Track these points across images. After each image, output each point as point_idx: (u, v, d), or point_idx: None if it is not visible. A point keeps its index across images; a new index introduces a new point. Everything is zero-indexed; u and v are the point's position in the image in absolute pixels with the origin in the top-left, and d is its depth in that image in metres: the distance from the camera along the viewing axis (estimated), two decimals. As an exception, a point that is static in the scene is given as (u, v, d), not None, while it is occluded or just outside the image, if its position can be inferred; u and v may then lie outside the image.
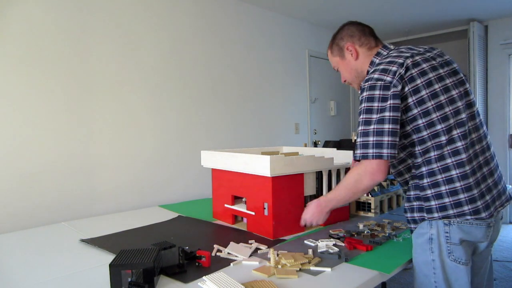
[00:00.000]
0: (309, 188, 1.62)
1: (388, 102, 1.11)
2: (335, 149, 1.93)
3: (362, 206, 1.86)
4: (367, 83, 1.15)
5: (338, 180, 1.73)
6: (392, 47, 1.29)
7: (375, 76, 1.15)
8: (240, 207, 1.69)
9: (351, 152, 1.81)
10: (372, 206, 1.81)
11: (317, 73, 4.16)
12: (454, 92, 1.16)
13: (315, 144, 4.05)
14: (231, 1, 3.18)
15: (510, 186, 2.51)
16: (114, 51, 2.40)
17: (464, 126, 1.14)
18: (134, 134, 2.51)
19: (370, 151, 1.11)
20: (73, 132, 2.21)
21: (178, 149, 2.77)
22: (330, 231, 1.56)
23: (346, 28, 1.36)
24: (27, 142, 2.04)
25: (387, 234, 1.49)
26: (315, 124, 4.16)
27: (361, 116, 1.14)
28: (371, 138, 1.11)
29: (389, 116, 1.10)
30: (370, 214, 1.82)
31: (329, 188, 1.69)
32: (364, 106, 1.14)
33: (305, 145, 2.65)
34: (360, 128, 1.14)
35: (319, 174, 1.67)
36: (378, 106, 1.11)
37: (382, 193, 1.87)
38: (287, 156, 1.49)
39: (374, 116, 1.12)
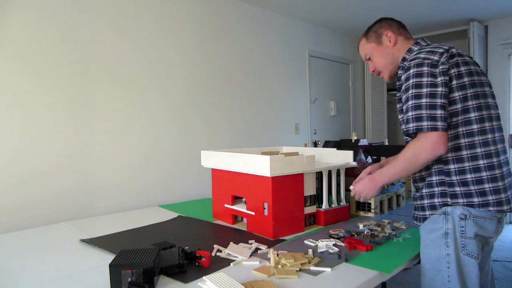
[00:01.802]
0: (309, 188, 1.62)
1: (439, 79, 1.13)
2: (335, 149, 1.93)
3: (362, 206, 1.86)
4: (413, 62, 1.18)
5: (338, 180, 1.74)
6: (429, 42, 1.33)
7: (422, 55, 1.18)
8: (240, 207, 1.69)
9: (351, 152, 1.81)
10: (372, 206, 1.81)
11: (317, 73, 4.16)
12: (486, 89, 1.22)
13: (315, 144, 4.04)
14: (231, 1, 3.18)
15: None
16: (115, 51, 2.40)
17: (493, 122, 1.19)
18: (134, 134, 2.51)
19: (425, 123, 1.11)
20: (73, 132, 2.21)
21: (178, 149, 2.77)
22: (330, 231, 1.56)
23: (385, 20, 1.42)
24: (27, 142, 2.04)
25: (387, 234, 1.49)
26: (315, 124, 4.16)
27: (410, 91, 1.15)
28: (424, 111, 1.12)
29: (441, 91, 1.12)
30: (370, 214, 1.82)
31: (329, 188, 1.69)
32: (413, 82, 1.16)
33: (305, 145, 2.65)
34: (410, 102, 1.15)
35: (319, 174, 1.67)
36: (427, 81, 1.14)
37: (382, 193, 1.87)
38: (287, 156, 1.49)
39: (424, 90, 1.13)
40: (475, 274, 1.16)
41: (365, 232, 1.51)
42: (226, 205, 1.79)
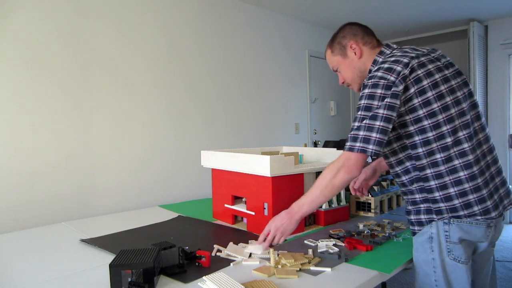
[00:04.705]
0: (309, 188, 1.62)
1: (385, 101, 1.09)
2: (335, 149, 1.93)
3: (362, 206, 1.86)
4: (370, 81, 1.14)
5: (338, 180, 1.73)
6: (395, 46, 1.27)
7: (379, 74, 1.13)
8: (240, 207, 1.69)
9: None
10: (372, 206, 1.81)
11: (317, 73, 4.16)
12: (459, 94, 1.15)
13: (315, 144, 4.05)
14: (231, 1, 3.18)
15: (510, 186, 2.51)
16: (115, 51, 2.40)
17: (470, 127, 1.14)
18: (134, 134, 2.51)
19: (357, 144, 1.10)
20: (73, 132, 2.21)
21: (178, 149, 2.77)
22: (330, 231, 1.56)
23: (349, 27, 1.33)
24: (28, 142, 2.04)
25: (387, 234, 1.49)
26: (315, 124, 4.16)
27: (359, 112, 1.13)
28: (361, 133, 1.10)
29: (383, 114, 1.09)
30: (370, 214, 1.82)
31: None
32: (363, 103, 1.12)
33: (305, 145, 2.65)
34: (355, 123, 1.13)
35: (319, 174, 1.67)
36: (377, 105, 1.10)
37: (382, 193, 1.87)
38: (287, 156, 1.49)
39: (370, 114, 1.10)
40: (465, 279, 1.12)
41: (365, 232, 1.51)
42: (226, 205, 1.78)
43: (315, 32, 4.13)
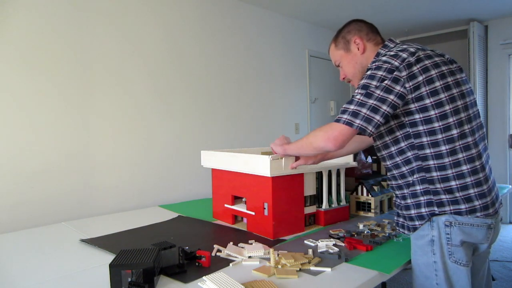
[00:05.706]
0: (309, 188, 1.62)
1: (384, 83, 1.09)
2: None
3: (362, 206, 1.86)
4: (374, 64, 1.15)
5: (338, 180, 1.74)
6: (398, 41, 1.28)
7: (383, 58, 1.14)
8: (240, 207, 1.69)
9: (351, 152, 1.81)
10: (372, 206, 1.81)
11: (317, 73, 4.16)
12: (463, 88, 1.16)
13: (315, 144, 4.04)
14: (231, 1, 3.18)
15: (510, 186, 2.51)
16: (114, 51, 2.40)
17: (472, 122, 1.14)
18: (134, 135, 2.51)
19: (345, 116, 1.11)
20: (73, 132, 2.21)
21: (178, 149, 2.77)
22: (330, 231, 1.56)
23: (354, 23, 1.35)
24: (28, 142, 2.04)
25: (387, 234, 1.49)
26: (315, 124, 4.16)
27: (357, 90, 1.14)
28: (351, 107, 1.11)
29: (379, 94, 1.09)
30: (370, 214, 1.82)
31: (329, 188, 1.69)
32: (363, 82, 1.13)
33: (305, 145, 2.64)
34: (357, 98, 1.13)
35: (319, 174, 1.67)
36: (375, 85, 1.10)
37: (382, 193, 1.87)
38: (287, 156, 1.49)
39: (365, 92, 1.11)
40: (465, 281, 1.12)
41: (365, 232, 1.51)
42: (226, 205, 1.78)
43: (315, 32, 4.13)
